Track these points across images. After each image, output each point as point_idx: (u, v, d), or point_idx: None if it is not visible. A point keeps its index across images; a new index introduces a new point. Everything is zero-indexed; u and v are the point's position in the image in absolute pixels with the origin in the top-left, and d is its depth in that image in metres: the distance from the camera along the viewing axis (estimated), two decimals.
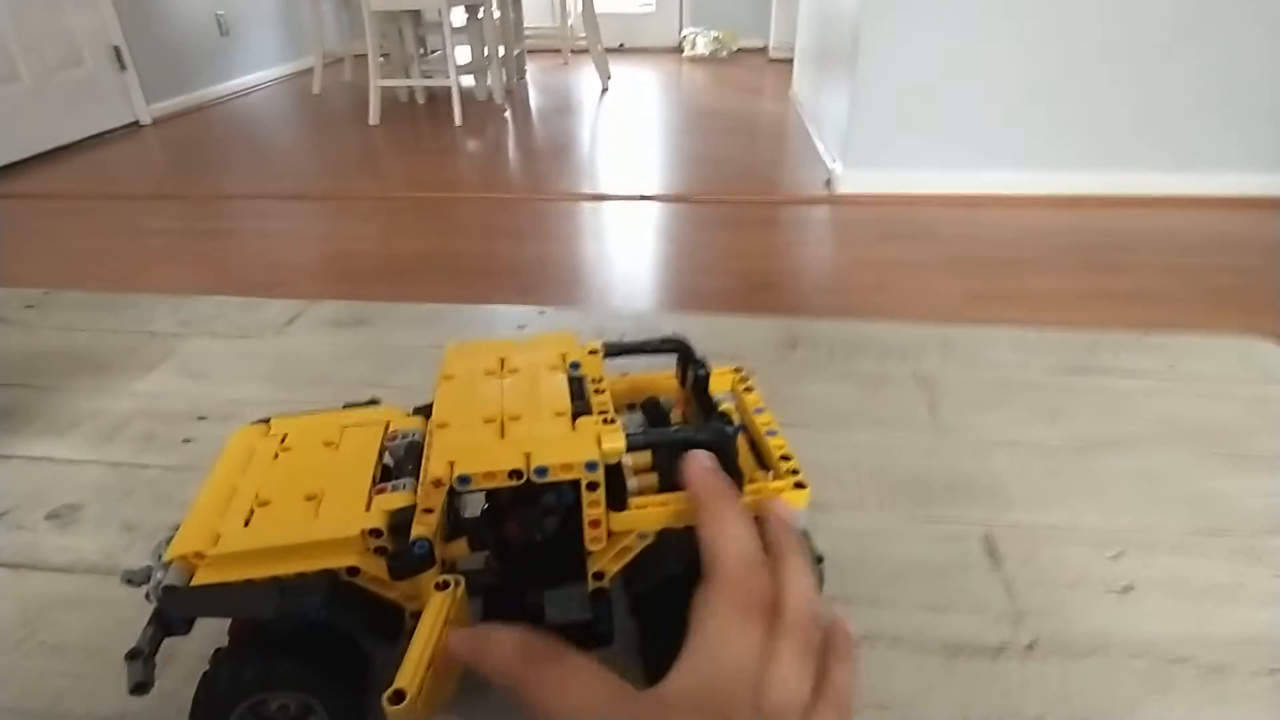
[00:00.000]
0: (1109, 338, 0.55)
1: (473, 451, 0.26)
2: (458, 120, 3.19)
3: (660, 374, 0.35)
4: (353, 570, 0.26)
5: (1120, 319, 1.59)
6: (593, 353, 0.32)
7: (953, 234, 2.04)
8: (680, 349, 0.34)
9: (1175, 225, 2.08)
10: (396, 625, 0.27)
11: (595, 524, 0.27)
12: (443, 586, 0.26)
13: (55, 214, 2.35)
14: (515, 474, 0.25)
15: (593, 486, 0.26)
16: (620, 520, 0.27)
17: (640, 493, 0.28)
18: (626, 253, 2.05)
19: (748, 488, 0.28)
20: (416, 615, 0.27)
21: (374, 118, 3.24)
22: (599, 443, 0.26)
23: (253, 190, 2.51)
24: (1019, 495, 0.40)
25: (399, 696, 0.22)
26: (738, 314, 0.59)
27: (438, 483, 0.25)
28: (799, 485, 0.28)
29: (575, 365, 0.32)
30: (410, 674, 0.23)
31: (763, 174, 2.59)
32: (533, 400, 0.29)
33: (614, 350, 0.33)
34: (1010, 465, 0.42)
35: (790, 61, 3.80)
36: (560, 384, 0.30)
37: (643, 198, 2.40)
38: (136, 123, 3.35)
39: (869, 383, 0.50)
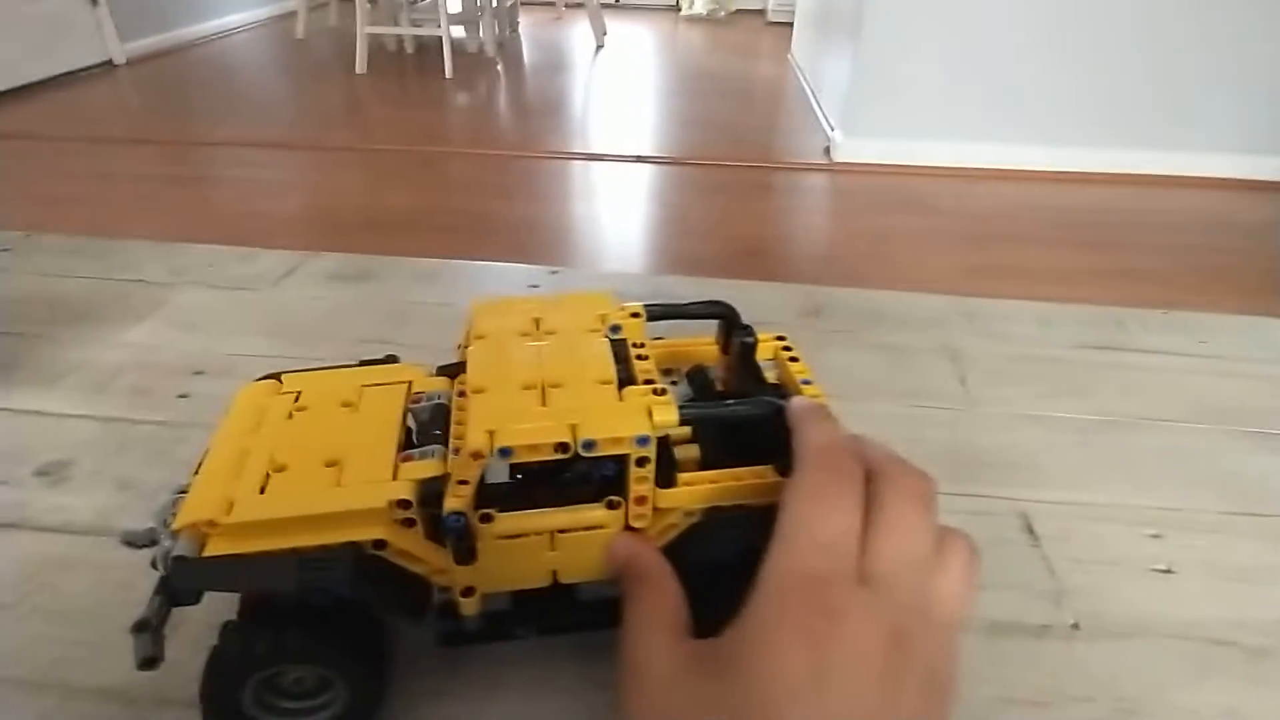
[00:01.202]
0: (1132, 314, 0.54)
1: (514, 421, 0.24)
2: (448, 72, 3.09)
3: (700, 339, 0.33)
4: (379, 543, 0.24)
5: (1118, 296, 1.59)
6: (634, 315, 0.30)
7: (952, 207, 2.03)
8: (725, 314, 0.32)
9: (1173, 204, 2.08)
10: (424, 600, 0.25)
11: (641, 500, 0.25)
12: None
13: (27, 154, 2.26)
14: (561, 447, 0.24)
15: (642, 462, 0.24)
16: (667, 497, 0.25)
17: (681, 467, 0.27)
18: (618, 214, 2.01)
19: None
20: (444, 590, 0.25)
21: (360, 66, 3.13)
22: (650, 415, 0.24)
23: (234, 137, 2.43)
24: (1053, 471, 0.39)
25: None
26: (759, 280, 0.58)
27: (477, 454, 0.23)
28: None
29: (615, 328, 0.29)
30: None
31: (759, 139, 2.55)
32: (574, 366, 0.27)
33: (657, 313, 0.31)
34: (1043, 441, 0.41)
35: (789, 24, 3.72)
36: (602, 349, 0.28)
37: (637, 159, 2.36)
38: (110, 62, 3.21)
39: (896, 353, 0.48)
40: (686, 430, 0.29)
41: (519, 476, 0.27)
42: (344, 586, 0.23)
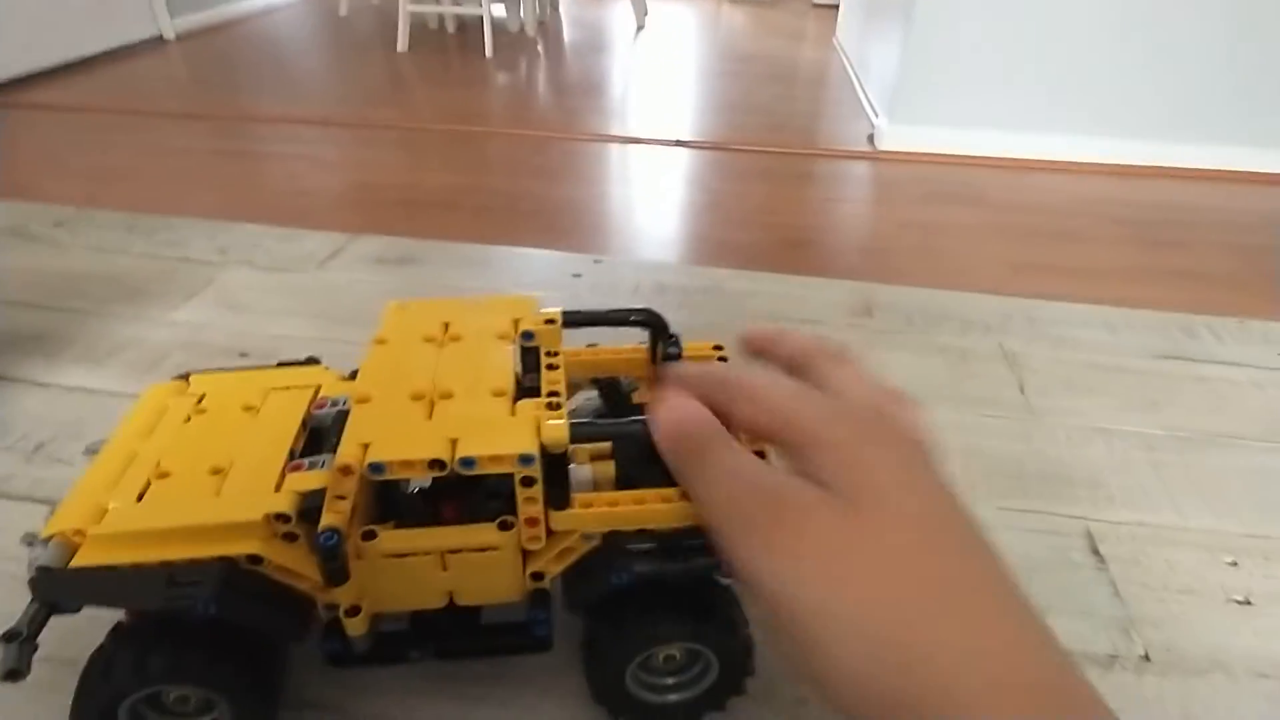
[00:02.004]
0: (1205, 322, 0.51)
1: (391, 434, 0.23)
2: (488, 51, 3.08)
3: (632, 347, 0.31)
4: (254, 559, 0.23)
5: (1179, 299, 1.53)
6: (549, 322, 0.28)
7: (1002, 199, 1.96)
8: (651, 322, 0.29)
9: (1236, 202, 1.99)
10: (303, 619, 0.24)
11: (532, 522, 0.23)
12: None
13: (81, 127, 2.31)
14: (437, 464, 0.22)
15: (528, 482, 0.23)
16: (561, 520, 0.24)
17: (596, 483, 0.25)
18: (658, 199, 1.99)
19: None
20: (330, 608, 0.24)
21: (402, 44, 3.14)
22: (538, 432, 0.23)
23: (278, 113, 2.45)
24: (1121, 490, 0.37)
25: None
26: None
27: (346, 470, 0.22)
28: None
29: (529, 335, 0.28)
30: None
31: (801, 125, 2.50)
32: (471, 375, 0.26)
33: (575, 320, 0.29)
34: (1110, 456, 0.39)
35: (835, 7, 3.63)
36: (506, 357, 0.27)
37: (677, 143, 2.33)
38: (160, 37, 3.27)
39: (953, 356, 0.46)
40: (606, 446, 0.27)
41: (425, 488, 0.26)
42: (210, 605, 0.21)
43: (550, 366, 0.27)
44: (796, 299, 0.51)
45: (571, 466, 0.26)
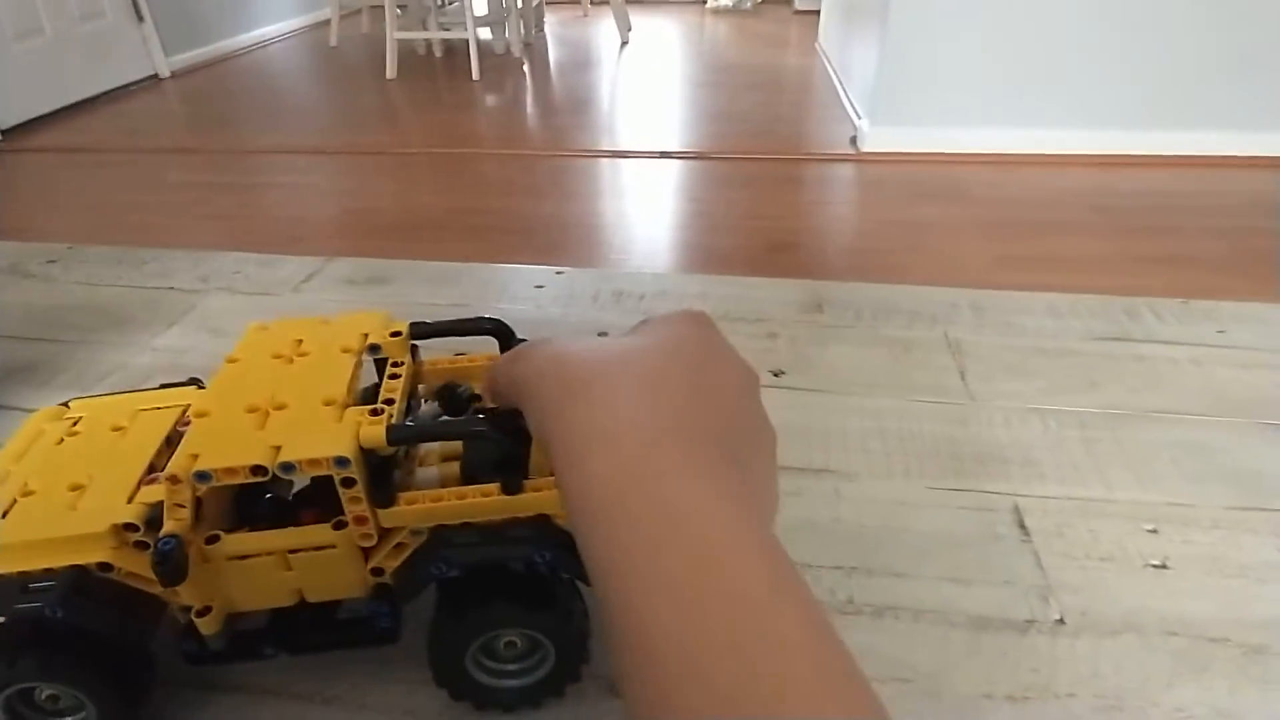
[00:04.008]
0: (1149, 304, 0.53)
1: (220, 445, 0.25)
2: (475, 74, 3.13)
3: (488, 355, 0.32)
4: (105, 566, 0.25)
5: (1161, 284, 1.54)
6: (395, 334, 0.30)
7: (984, 195, 1.98)
8: (498, 331, 0.31)
9: (1216, 186, 2.00)
10: (154, 622, 0.26)
11: (360, 520, 0.25)
12: None
13: (78, 167, 2.36)
14: (258, 470, 0.24)
15: (348, 483, 0.24)
16: (388, 517, 0.26)
17: (444, 483, 0.27)
18: (646, 211, 2.02)
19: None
20: (186, 610, 0.26)
21: (391, 71, 3.19)
22: (345, 435, 0.25)
23: (272, 145, 2.50)
24: (1052, 466, 0.39)
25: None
26: (761, 276, 0.58)
27: (173, 479, 0.24)
28: None
29: (376, 348, 0.30)
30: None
31: (786, 130, 2.53)
32: (308, 387, 0.27)
33: (421, 332, 0.31)
34: (1044, 435, 0.41)
35: (816, 13, 3.67)
36: (345, 368, 0.28)
37: (663, 155, 2.36)
38: (155, 75, 3.33)
39: (897, 347, 0.48)
40: (458, 448, 0.29)
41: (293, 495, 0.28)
42: (57, 609, 0.24)
43: (392, 376, 0.29)
44: (748, 299, 0.53)
45: (420, 469, 0.28)
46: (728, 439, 0.20)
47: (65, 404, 0.31)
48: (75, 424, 0.30)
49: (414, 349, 0.31)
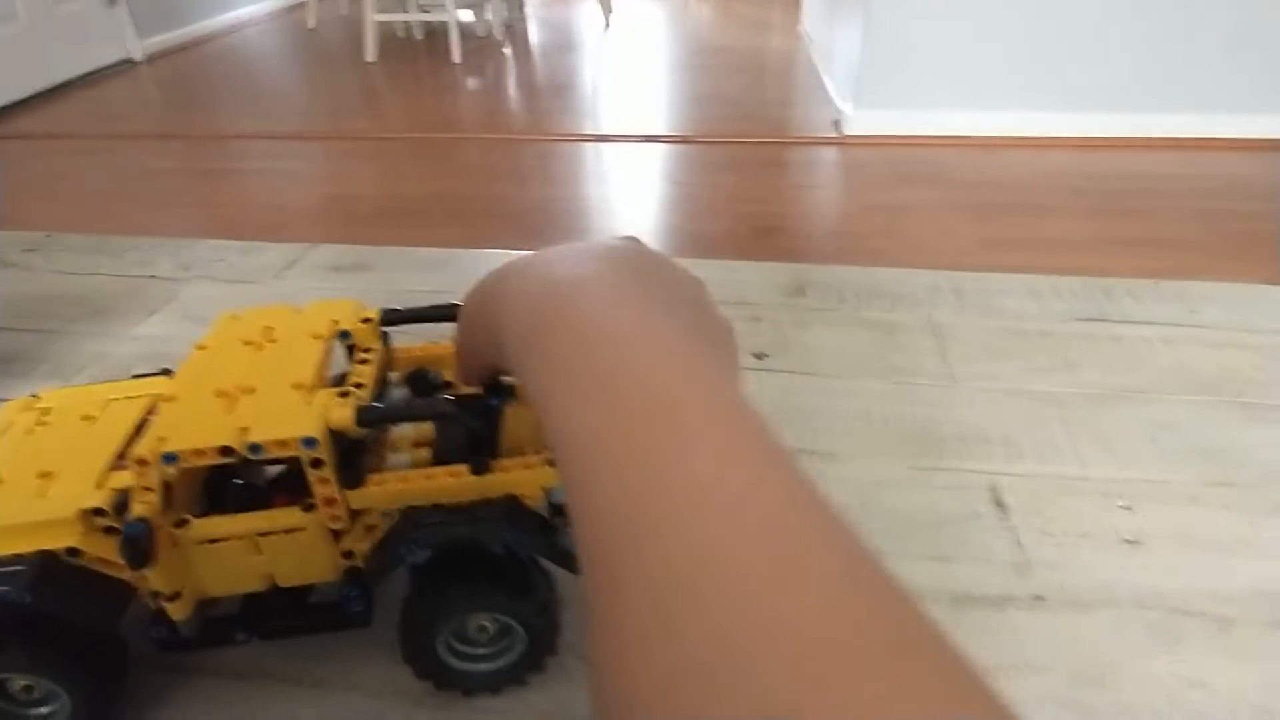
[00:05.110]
0: (1124, 285, 0.54)
1: (190, 427, 0.25)
2: (456, 57, 3.09)
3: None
4: (73, 551, 0.25)
5: (1139, 266, 1.56)
6: (365, 321, 0.30)
7: (967, 178, 1.99)
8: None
9: (1198, 169, 2.02)
10: (122, 607, 0.26)
11: (330, 502, 0.25)
12: None
13: (55, 154, 2.31)
14: (226, 451, 0.24)
15: (316, 464, 0.25)
16: (357, 498, 0.26)
17: (415, 467, 0.27)
18: (630, 195, 2.01)
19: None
20: (156, 595, 0.26)
21: (370, 54, 3.15)
22: (312, 418, 0.25)
23: (250, 130, 2.46)
24: (1029, 445, 0.40)
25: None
26: (746, 259, 0.58)
27: (142, 461, 0.24)
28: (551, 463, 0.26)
29: (346, 334, 0.30)
30: None
31: (770, 114, 2.52)
32: (276, 371, 0.27)
33: (392, 319, 0.31)
34: (1022, 415, 0.42)
35: None
36: (314, 353, 0.28)
37: (647, 138, 2.35)
38: (130, 59, 3.26)
39: (880, 330, 0.49)
40: (428, 432, 0.29)
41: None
42: (25, 593, 0.23)
43: (361, 361, 0.29)
44: (731, 282, 0.54)
45: (391, 454, 0.28)
46: (685, 310, 0.21)
47: (35, 395, 0.31)
48: (45, 414, 0.29)
49: (385, 335, 0.31)
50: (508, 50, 3.38)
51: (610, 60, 3.26)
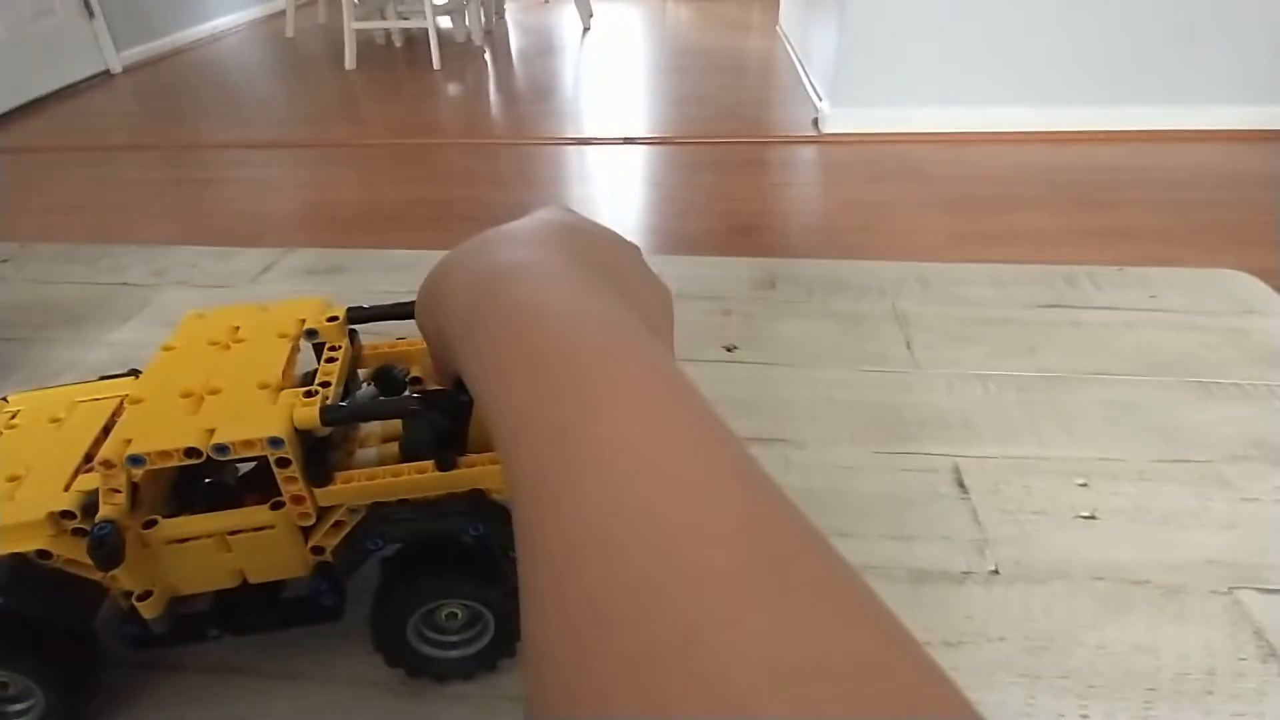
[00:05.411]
0: (1087, 272, 0.55)
1: (154, 429, 0.25)
2: (436, 63, 3.09)
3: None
4: (44, 553, 0.25)
5: (1108, 256, 1.59)
6: (331, 319, 0.30)
7: (941, 173, 2.02)
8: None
9: (1167, 160, 2.06)
10: (94, 607, 0.27)
11: (297, 499, 0.26)
12: None
13: (32, 167, 2.29)
14: (192, 452, 0.24)
15: (283, 463, 0.25)
16: (325, 495, 0.26)
17: (382, 464, 0.28)
18: (610, 197, 2.02)
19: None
20: (127, 595, 0.26)
21: (350, 62, 3.14)
22: (279, 417, 0.25)
23: (229, 139, 2.45)
24: (990, 428, 0.41)
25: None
26: (725, 256, 0.59)
27: (107, 464, 0.24)
28: None
29: (313, 333, 0.30)
30: None
31: (749, 114, 2.54)
32: (243, 372, 0.28)
33: (358, 317, 0.31)
34: (983, 399, 0.43)
35: None
36: (280, 353, 0.29)
37: (626, 140, 2.36)
38: (107, 71, 3.24)
39: (846, 320, 0.50)
40: (396, 429, 0.30)
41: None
42: None
43: (329, 359, 0.29)
44: (704, 278, 0.55)
45: (360, 451, 0.29)
46: (619, 281, 0.21)
47: (3, 399, 0.31)
48: (13, 418, 0.29)
49: (353, 333, 0.31)
50: (487, 56, 3.38)
51: (590, 64, 3.27)
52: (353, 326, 0.31)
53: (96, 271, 0.61)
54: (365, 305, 0.31)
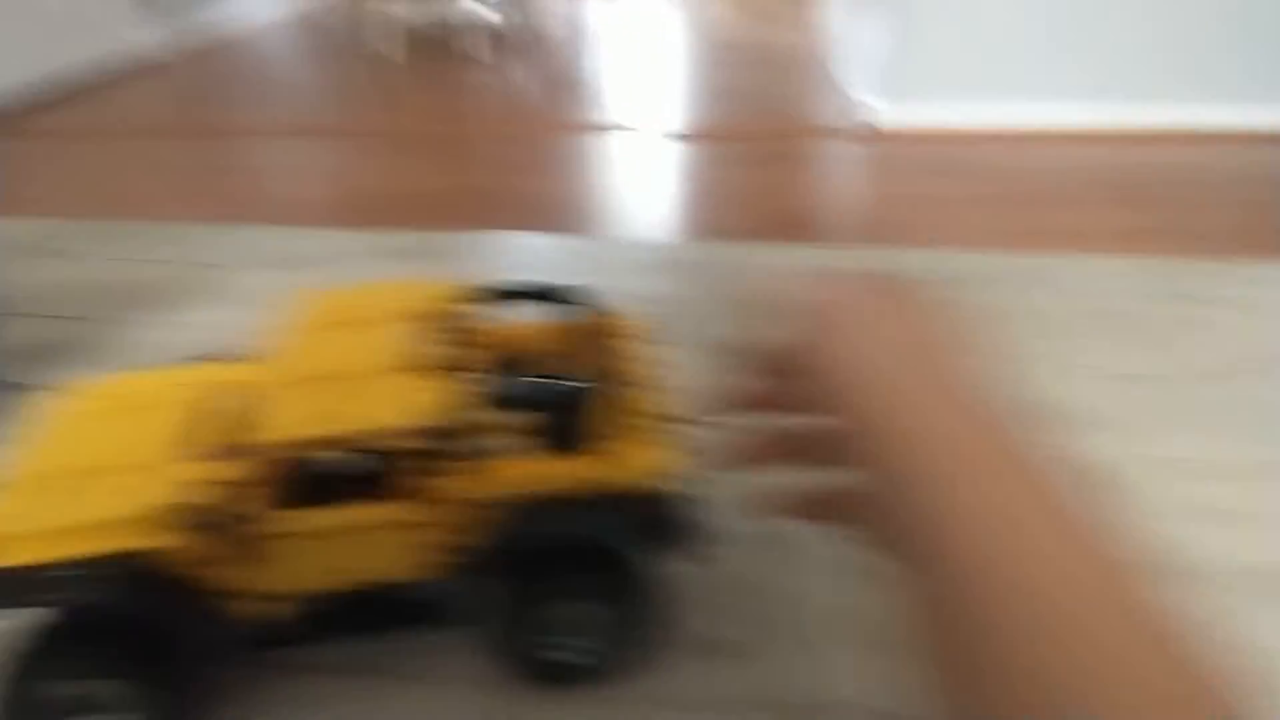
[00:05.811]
0: (1196, 267, 0.53)
1: (286, 418, 0.23)
2: (476, 53, 3.10)
3: (560, 323, 0.31)
4: (156, 552, 0.23)
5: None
6: (460, 300, 0.29)
7: (994, 170, 1.97)
8: (562, 296, 0.29)
9: (1232, 162, 1.98)
10: (211, 605, 0.25)
11: (433, 493, 0.24)
12: None
13: (86, 151, 2.34)
14: (326, 441, 0.23)
15: (417, 454, 0.23)
16: (459, 489, 0.24)
17: (518, 454, 0.26)
18: (649, 190, 2.00)
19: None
20: (251, 593, 0.24)
21: (395, 53, 3.15)
22: (418, 406, 0.23)
23: (275, 127, 2.48)
24: (1123, 422, 0.38)
25: None
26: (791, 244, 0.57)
27: (244, 453, 0.23)
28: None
29: (441, 315, 0.28)
30: None
31: (793, 108, 2.50)
32: (371, 356, 0.26)
33: (484, 298, 0.29)
34: (1115, 394, 0.41)
35: None
36: (408, 338, 0.27)
37: (669, 134, 2.33)
38: (159, 60, 3.29)
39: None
40: (520, 417, 0.28)
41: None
42: (116, 598, 0.22)
43: (463, 343, 0.27)
44: (760, 267, 0.53)
45: (492, 440, 0.27)
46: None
47: (89, 383, 0.29)
48: (107, 401, 0.28)
49: (478, 316, 0.30)
50: (527, 46, 3.38)
51: (628, 55, 3.25)
52: (479, 308, 0.30)
53: (173, 251, 0.60)
54: (494, 285, 0.30)
